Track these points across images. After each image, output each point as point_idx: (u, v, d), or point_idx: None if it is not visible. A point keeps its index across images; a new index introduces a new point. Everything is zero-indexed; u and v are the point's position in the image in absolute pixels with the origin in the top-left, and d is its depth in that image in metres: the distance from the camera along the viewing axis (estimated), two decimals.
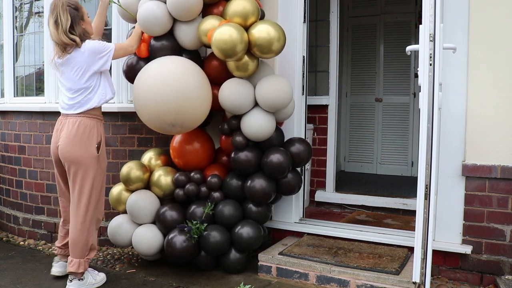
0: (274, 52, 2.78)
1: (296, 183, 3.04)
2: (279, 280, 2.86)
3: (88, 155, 2.65)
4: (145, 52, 2.99)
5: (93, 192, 2.69)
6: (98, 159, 2.69)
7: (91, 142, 2.66)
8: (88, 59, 2.61)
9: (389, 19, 5.42)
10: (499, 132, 2.66)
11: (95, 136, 2.68)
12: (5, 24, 4.09)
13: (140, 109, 2.79)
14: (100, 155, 2.71)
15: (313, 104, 4.15)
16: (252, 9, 2.77)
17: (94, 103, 2.68)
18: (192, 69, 2.78)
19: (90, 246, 2.75)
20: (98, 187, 2.73)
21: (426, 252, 2.26)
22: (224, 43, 2.64)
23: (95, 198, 2.72)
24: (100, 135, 2.72)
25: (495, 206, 2.68)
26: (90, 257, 2.77)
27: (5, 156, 4.11)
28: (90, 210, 2.71)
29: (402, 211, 3.89)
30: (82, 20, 2.66)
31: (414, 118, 5.26)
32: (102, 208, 2.88)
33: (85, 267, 2.72)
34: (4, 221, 4.13)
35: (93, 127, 2.68)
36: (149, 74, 2.73)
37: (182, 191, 3.02)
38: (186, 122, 2.76)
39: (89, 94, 2.67)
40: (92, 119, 2.69)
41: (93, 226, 2.76)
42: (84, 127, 2.66)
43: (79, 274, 2.70)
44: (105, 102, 2.75)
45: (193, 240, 2.85)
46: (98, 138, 2.70)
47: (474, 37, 2.68)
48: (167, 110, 2.66)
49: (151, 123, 2.80)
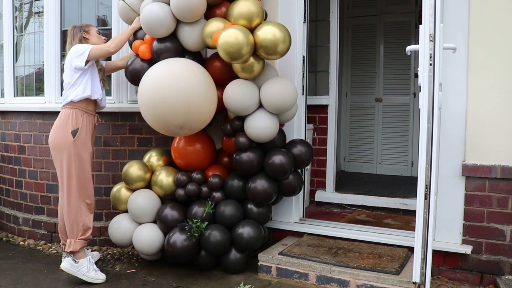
0: (279, 54, 2.78)
1: (297, 184, 3.04)
2: (279, 280, 2.86)
3: (63, 140, 2.88)
4: (147, 54, 2.98)
5: (72, 174, 2.88)
6: (74, 144, 2.87)
7: (66, 128, 2.89)
8: (72, 57, 2.93)
9: (389, 19, 5.42)
10: (499, 132, 2.66)
11: (71, 123, 2.89)
12: (5, 24, 4.09)
13: (147, 111, 2.79)
14: (77, 140, 2.88)
15: (313, 104, 4.15)
16: (257, 10, 2.77)
17: (70, 97, 2.92)
18: (198, 71, 2.79)
19: (81, 227, 2.89)
20: (78, 171, 2.89)
21: (426, 252, 2.26)
22: (230, 46, 2.63)
23: (76, 181, 2.89)
24: (80, 123, 2.92)
25: (495, 206, 2.68)
26: (84, 237, 2.90)
27: (5, 156, 4.11)
28: (73, 192, 2.88)
29: (402, 211, 3.89)
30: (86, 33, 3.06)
31: (414, 118, 5.26)
32: (90, 193, 2.97)
33: (74, 247, 2.85)
34: (4, 221, 4.13)
35: (71, 115, 2.91)
36: (156, 76, 2.73)
37: (183, 191, 3.02)
38: (194, 124, 2.79)
39: (70, 88, 2.94)
40: (72, 109, 2.92)
41: (82, 208, 2.91)
42: (64, 116, 2.93)
43: (75, 255, 2.87)
44: (81, 98, 2.93)
45: (193, 239, 2.85)
46: (75, 125, 2.90)
47: (474, 37, 2.68)
48: (176, 113, 2.67)
49: (158, 126, 2.81)
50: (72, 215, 2.88)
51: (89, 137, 2.97)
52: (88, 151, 2.97)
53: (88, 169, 2.97)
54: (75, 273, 2.83)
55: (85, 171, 2.93)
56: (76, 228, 2.88)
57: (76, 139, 2.88)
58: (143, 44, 2.99)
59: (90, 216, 2.96)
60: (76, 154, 2.88)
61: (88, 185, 2.95)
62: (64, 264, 2.85)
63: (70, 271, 2.84)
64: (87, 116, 2.96)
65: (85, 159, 2.93)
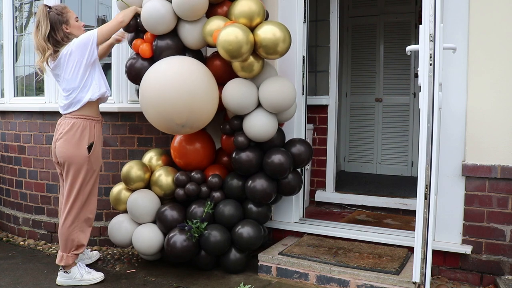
0: (279, 53, 2.77)
1: (296, 184, 3.04)
2: (279, 280, 2.86)
3: (79, 155, 2.72)
4: (148, 52, 2.96)
5: (81, 191, 2.77)
6: (89, 160, 2.76)
7: (82, 143, 2.73)
8: (78, 53, 2.68)
9: (389, 19, 5.42)
10: (499, 132, 2.66)
11: (87, 137, 2.75)
12: (5, 24, 4.09)
13: (148, 110, 2.79)
14: (92, 155, 2.77)
15: (313, 104, 4.15)
16: (258, 9, 2.77)
17: (86, 98, 2.73)
18: (200, 69, 2.79)
19: (76, 243, 2.80)
20: (87, 187, 2.79)
21: (426, 252, 2.26)
22: (229, 44, 2.63)
23: (82, 198, 2.78)
24: (93, 136, 2.78)
25: (495, 206, 2.68)
26: (76, 253, 2.82)
27: (5, 156, 4.11)
28: (75, 208, 2.77)
29: (402, 211, 3.89)
30: (66, 25, 2.74)
31: (414, 118, 5.27)
32: (93, 208, 2.88)
33: (66, 262, 2.79)
34: (4, 221, 4.13)
35: (86, 127, 2.75)
36: (159, 75, 2.72)
37: (183, 190, 3.02)
38: (196, 122, 2.79)
39: (81, 92, 2.74)
40: (85, 120, 2.76)
41: (80, 224, 2.81)
42: (77, 127, 2.74)
43: (65, 267, 2.81)
44: (99, 96, 2.77)
45: (193, 239, 2.85)
46: (90, 138, 2.77)
47: (474, 37, 2.68)
48: (178, 111, 2.67)
49: (160, 124, 2.81)
50: (68, 231, 2.77)
51: (100, 147, 2.88)
52: (100, 164, 2.89)
53: (97, 183, 2.89)
54: (71, 283, 2.80)
55: (95, 188, 2.85)
56: (70, 244, 2.79)
57: (91, 154, 2.76)
58: (144, 43, 2.99)
59: (87, 231, 2.86)
60: (90, 170, 2.77)
61: (93, 200, 2.87)
62: (58, 279, 2.82)
63: (66, 283, 2.81)
64: (98, 126, 2.86)
65: (97, 173, 2.84)
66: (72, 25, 2.77)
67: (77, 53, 2.69)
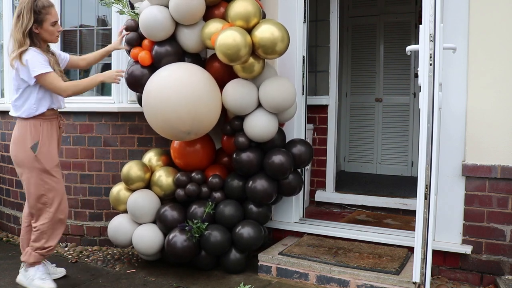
0: (277, 53, 2.77)
1: (297, 184, 3.05)
2: (279, 280, 2.86)
3: (25, 156, 2.55)
4: (148, 59, 2.94)
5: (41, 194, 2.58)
6: (37, 160, 2.55)
7: (24, 142, 2.55)
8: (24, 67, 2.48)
9: (389, 19, 5.42)
10: (499, 132, 2.66)
11: (29, 135, 2.55)
12: (5, 24, 4.08)
13: (153, 118, 2.79)
14: (39, 154, 2.55)
15: (313, 104, 4.15)
16: (254, 10, 2.76)
17: (23, 113, 2.56)
18: (202, 75, 2.80)
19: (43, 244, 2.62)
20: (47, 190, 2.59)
21: (426, 252, 2.26)
22: (228, 48, 2.63)
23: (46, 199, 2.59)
24: (39, 135, 2.56)
25: (495, 206, 2.68)
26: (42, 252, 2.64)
27: (5, 156, 4.11)
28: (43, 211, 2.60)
29: (402, 211, 3.89)
30: (37, 24, 2.52)
31: (414, 118, 5.27)
32: (63, 207, 2.67)
33: (27, 259, 2.64)
34: (4, 221, 4.13)
35: (28, 126, 2.56)
36: (161, 83, 2.72)
37: (183, 191, 3.02)
38: (201, 128, 2.81)
39: (19, 99, 2.57)
40: (29, 120, 2.56)
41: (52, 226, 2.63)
42: (20, 128, 2.59)
43: (27, 264, 2.67)
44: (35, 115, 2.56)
45: (193, 239, 2.85)
46: (34, 138, 2.55)
47: (474, 37, 2.68)
48: (183, 119, 2.68)
49: (165, 132, 2.82)
50: (38, 232, 2.61)
51: (54, 146, 2.64)
52: (55, 163, 2.63)
53: (59, 182, 2.64)
54: (24, 282, 2.65)
55: (56, 187, 2.62)
56: (38, 243, 2.62)
57: (38, 153, 2.54)
58: (142, 50, 2.96)
59: (59, 231, 2.66)
60: (42, 170, 2.55)
61: (61, 199, 2.64)
62: (18, 277, 2.71)
63: (23, 282, 2.66)
64: (47, 124, 2.60)
65: (53, 173, 2.60)
66: (44, 28, 2.54)
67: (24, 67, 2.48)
